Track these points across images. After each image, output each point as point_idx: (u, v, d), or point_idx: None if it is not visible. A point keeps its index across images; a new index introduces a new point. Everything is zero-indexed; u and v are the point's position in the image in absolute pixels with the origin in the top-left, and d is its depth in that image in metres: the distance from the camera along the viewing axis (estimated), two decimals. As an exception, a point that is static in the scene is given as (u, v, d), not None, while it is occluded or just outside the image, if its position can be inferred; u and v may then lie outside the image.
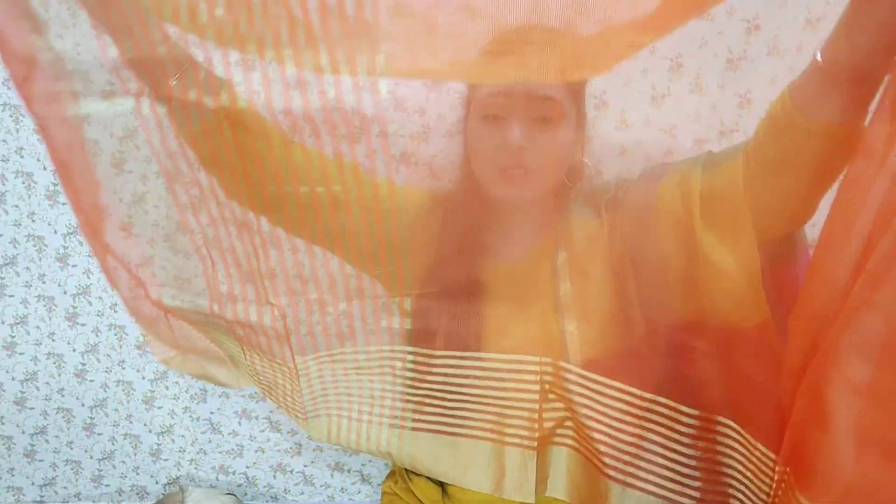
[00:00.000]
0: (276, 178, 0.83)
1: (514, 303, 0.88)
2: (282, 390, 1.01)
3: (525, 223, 0.90)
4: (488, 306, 0.88)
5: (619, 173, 0.90)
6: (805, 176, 0.73)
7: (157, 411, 1.27)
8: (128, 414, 1.27)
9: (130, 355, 1.24)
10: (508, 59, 0.71)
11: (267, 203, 0.86)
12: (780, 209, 0.76)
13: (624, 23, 0.71)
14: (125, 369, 1.24)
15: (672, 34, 1.10)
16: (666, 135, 1.15)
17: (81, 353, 1.23)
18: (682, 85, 1.13)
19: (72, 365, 1.23)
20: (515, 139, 0.80)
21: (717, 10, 1.11)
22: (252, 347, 0.97)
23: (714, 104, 1.14)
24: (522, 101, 0.81)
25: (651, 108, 1.11)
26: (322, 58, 0.72)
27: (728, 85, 1.14)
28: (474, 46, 0.71)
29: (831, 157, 0.70)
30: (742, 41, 1.12)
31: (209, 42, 0.77)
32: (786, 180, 0.74)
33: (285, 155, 0.82)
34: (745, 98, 1.14)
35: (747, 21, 1.10)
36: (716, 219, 0.77)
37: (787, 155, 0.72)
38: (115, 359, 1.23)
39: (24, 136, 1.11)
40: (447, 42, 0.72)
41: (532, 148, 0.82)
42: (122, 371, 1.24)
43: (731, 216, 0.76)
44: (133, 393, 1.25)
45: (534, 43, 0.68)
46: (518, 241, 0.91)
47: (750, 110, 1.15)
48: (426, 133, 1.15)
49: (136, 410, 1.27)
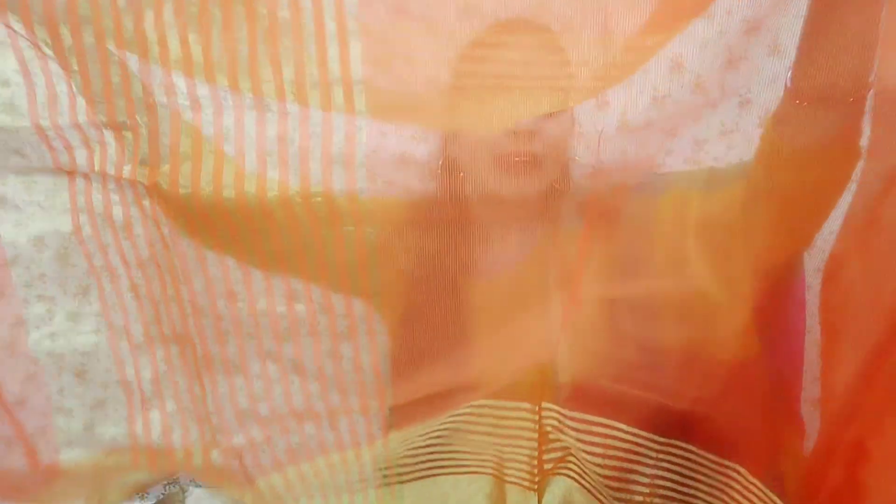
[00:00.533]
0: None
1: (506, 331, 0.83)
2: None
3: (513, 233, 0.86)
4: (478, 339, 0.82)
5: (619, 178, 0.87)
6: (801, 203, 0.72)
7: (156, 411, 1.26)
8: (127, 414, 1.26)
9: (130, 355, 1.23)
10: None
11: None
12: (779, 237, 0.75)
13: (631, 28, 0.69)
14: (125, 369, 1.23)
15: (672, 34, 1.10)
16: (666, 135, 1.14)
17: (81, 353, 1.22)
18: (682, 85, 1.12)
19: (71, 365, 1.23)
20: (526, 121, 0.76)
21: (717, 10, 1.11)
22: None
23: (714, 104, 1.14)
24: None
25: (652, 109, 1.11)
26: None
27: (728, 85, 1.14)
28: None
29: (826, 181, 0.69)
30: (742, 41, 1.12)
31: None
32: (783, 208, 0.73)
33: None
34: (745, 98, 1.14)
35: (747, 21, 1.10)
36: (711, 247, 0.75)
37: (782, 183, 0.71)
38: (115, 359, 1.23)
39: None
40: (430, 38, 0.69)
41: (540, 133, 0.77)
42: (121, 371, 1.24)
43: (727, 246, 0.75)
44: (133, 393, 1.25)
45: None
46: (505, 255, 0.86)
47: (750, 110, 1.15)
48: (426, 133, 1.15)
49: (135, 410, 1.26)
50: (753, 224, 0.73)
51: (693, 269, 0.75)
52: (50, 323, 0.87)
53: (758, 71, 1.14)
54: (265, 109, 0.71)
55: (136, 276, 0.80)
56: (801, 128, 0.67)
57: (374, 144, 0.77)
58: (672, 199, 0.78)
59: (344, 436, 0.85)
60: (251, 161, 0.73)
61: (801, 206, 0.72)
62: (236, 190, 0.75)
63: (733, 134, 1.18)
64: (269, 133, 0.73)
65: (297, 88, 0.70)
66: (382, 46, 0.71)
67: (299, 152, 0.73)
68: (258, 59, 0.67)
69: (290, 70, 0.70)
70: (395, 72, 0.73)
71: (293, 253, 0.79)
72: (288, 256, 0.80)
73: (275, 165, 0.74)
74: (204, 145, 0.73)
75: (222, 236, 0.78)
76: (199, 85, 0.70)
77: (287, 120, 0.73)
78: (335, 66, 0.70)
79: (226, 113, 0.72)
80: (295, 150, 0.73)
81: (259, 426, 0.85)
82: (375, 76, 0.71)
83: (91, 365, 0.89)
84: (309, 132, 0.72)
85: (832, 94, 0.65)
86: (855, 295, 0.67)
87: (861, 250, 0.67)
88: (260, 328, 0.81)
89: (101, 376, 0.87)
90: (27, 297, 0.83)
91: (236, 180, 0.75)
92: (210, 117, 0.73)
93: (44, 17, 0.66)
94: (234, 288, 0.79)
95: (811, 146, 0.67)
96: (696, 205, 0.76)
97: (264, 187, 0.75)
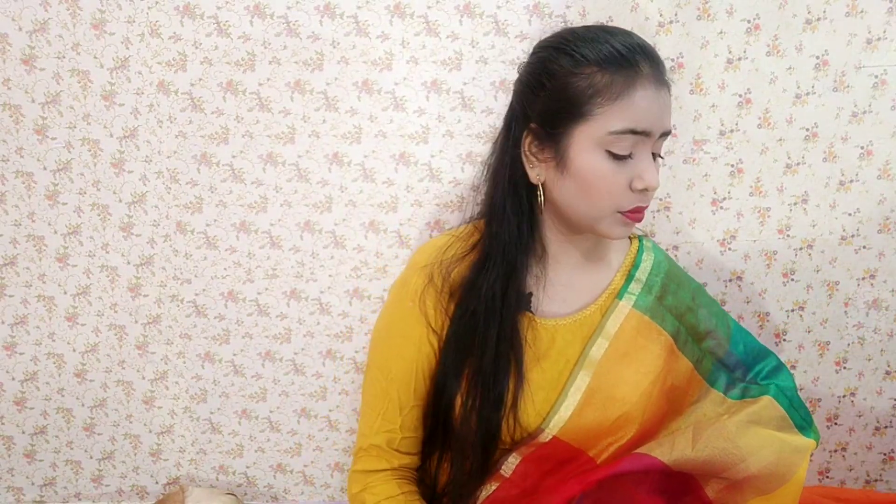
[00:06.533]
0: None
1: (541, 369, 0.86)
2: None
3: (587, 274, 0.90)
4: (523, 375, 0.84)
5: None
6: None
7: (156, 411, 1.27)
8: (128, 414, 1.27)
9: (130, 355, 1.23)
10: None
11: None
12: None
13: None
14: (125, 369, 1.24)
15: (672, 34, 1.11)
16: (666, 135, 1.15)
17: (81, 353, 1.23)
18: (683, 84, 1.13)
19: (72, 365, 1.23)
20: (656, 180, 0.78)
21: (717, 10, 1.11)
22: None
23: (714, 104, 1.15)
24: (656, 138, 0.78)
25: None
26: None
27: (728, 84, 1.14)
28: None
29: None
30: (742, 41, 1.12)
31: None
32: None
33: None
34: (745, 98, 1.15)
35: (747, 21, 1.11)
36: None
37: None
38: (115, 359, 1.23)
39: (24, 136, 1.11)
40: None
41: (655, 189, 0.79)
42: (121, 371, 1.24)
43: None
44: (133, 393, 1.25)
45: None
46: (573, 295, 0.89)
47: (750, 110, 1.15)
48: (426, 133, 1.15)
49: (135, 410, 1.27)
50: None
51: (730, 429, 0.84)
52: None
53: (758, 70, 1.14)
54: None
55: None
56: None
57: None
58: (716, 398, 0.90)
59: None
60: None
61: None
62: None
63: (733, 134, 1.19)
64: None
65: None
66: None
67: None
68: None
69: None
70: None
71: None
72: None
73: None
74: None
75: None
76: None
77: None
78: None
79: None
80: None
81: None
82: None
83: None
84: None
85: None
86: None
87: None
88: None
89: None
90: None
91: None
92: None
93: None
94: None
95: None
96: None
97: None
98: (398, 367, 0.86)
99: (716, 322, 0.92)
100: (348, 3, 1.06)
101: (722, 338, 0.91)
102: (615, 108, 0.75)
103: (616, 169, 0.76)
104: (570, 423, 0.82)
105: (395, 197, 1.14)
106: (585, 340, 0.85)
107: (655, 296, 0.88)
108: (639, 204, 0.78)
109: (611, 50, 0.76)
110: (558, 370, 0.84)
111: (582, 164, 0.77)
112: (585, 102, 0.75)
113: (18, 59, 1.05)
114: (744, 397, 0.87)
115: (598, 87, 0.75)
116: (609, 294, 0.88)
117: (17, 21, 1.04)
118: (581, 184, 0.78)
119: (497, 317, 0.81)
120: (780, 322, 1.21)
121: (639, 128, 0.75)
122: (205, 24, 1.05)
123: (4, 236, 1.14)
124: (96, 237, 1.14)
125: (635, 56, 0.75)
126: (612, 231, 0.80)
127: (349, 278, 1.17)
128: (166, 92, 1.08)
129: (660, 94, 0.76)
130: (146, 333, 1.20)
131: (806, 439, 0.84)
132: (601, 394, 0.82)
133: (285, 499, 1.30)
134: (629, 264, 0.91)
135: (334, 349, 1.21)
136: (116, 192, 1.12)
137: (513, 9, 1.06)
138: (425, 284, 0.85)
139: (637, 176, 0.77)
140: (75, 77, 1.06)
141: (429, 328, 0.85)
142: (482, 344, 0.81)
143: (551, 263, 0.86)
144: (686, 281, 0.94)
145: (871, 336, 1.22)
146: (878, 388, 1.24)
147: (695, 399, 0.87)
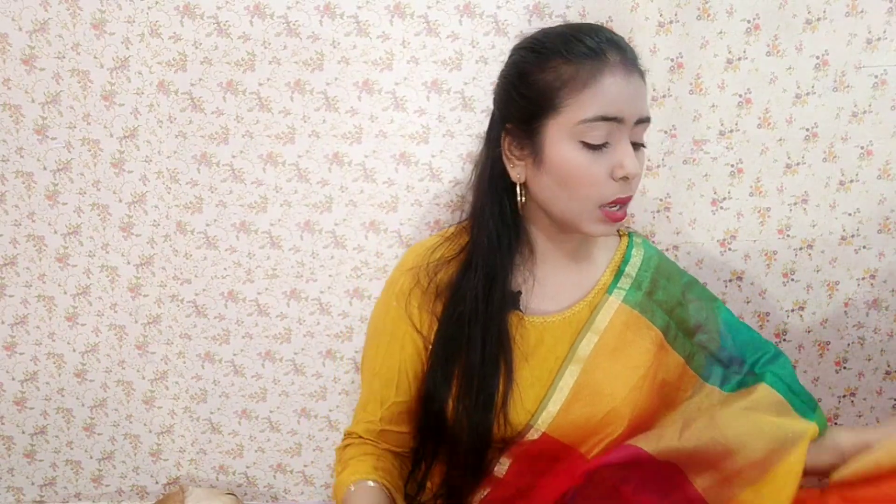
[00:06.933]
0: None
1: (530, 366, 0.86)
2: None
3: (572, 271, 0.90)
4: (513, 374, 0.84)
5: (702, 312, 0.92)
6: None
7: (156, 411, 1.26)
8: (128, 414, 1.27)
9: (130, 355, 1.23)
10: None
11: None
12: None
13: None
14: (125, 369, 1.24)
15: (672, 34, 1.10)
16: (666, 135, 1.15)
17: (81, 353, 1.23)
18: (683, 84, 1.13)
19: (72, 365, 1.23)
20: (636, 167, 0.77)
21: (717, 10, 1.11)
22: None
23: (714, 104, 1.15)
24: (632, 125, 0.77)
25: (653, 109, 1.12)
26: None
27: (728, 84, 1.14)
28: None
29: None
30: (742, 41, 1.12)
31: None
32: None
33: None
34: (745, 98, 1.15)
35: (747, 21, 1.11)
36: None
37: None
38: (115, 359, 1.23)
39: (24, 136, 1.11)
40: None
41: (637, 177, 0.79)
42: (121, 371, 1.24)
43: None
44: (133, 393, 1.25)
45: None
46: (561, 292, 0.89)
47: (750, 110, 1.15)
48: (426, 133, 1.15)
49: (135, 410, 1.27)
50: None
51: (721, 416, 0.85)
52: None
53: (758, 70, 1.14)
54: None
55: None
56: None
57: None
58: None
59: None
60: None
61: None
62: None
63: (733, 134, 1.19)
64: None
65: None
66: None
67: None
68: None
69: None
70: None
71: None
72: None
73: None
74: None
75: None
76: None
77: None
78: None
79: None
80: None
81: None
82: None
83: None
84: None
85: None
86: None
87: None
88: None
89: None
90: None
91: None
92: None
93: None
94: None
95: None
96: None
97: None
98: (382, 362, 0.87)
99: (706, 316, 0.91)
100: (348, 3, 1.06)
101: (713, 331, 0.91)
102: (583, 96, 0.75)
103: (593, 159, 0.76)
104: (558, 418, 0.82)
105: (395, 197, 1.14)
106: (574, 337, 0.85)
107: (645, 291, 0.88)
108: (620, 195, 0.78)
109: (576, 43, 0.76)
110: (548, 367, 0.84)
111: (557, 156, 0.77)
112: (555, 95, 0.76)
113: (18, 59, 1.05)
114: (739, 388, 0.87)
115: (565, 79, 0.75)
116: (598, 290, 0.88)
117: (17, 21, 1.04)
118: (558, 177, 0.78)
119: (483, 318, 0.82)
120: (780, 322, 1.21)
121: (609, 114, 0.75)
122: (205, 24, 1.05)
123: (4, 236, 1.14)
124: (96, 237, 1.14)
125: (601, 45, 0.76)
126: (593, 228, 0.80)
127: (349, 278, 1.17)
128: (166, 92, 1.08)
129: (630, 80, 0.76)
130: (146, 333, 1.20)
131: (806, 422, 0.82)
132: (589, 389, 0.82)
133: (285, 499, 1.30)
134: (619, 260, 0.91)
135: (334, 349, 1.21)
136: (116, 192, 1.13)
137: (513, 9, 1.07)
138: (412, 287, 0.85)
139: (617, 164, 0.76)
140: (75, 77, 1.07)
141: (413, 329, 0.85)
142: (469, 345, 0.82)
143: (539, 262, 0.87)
144: (677, 275, 0.94)
145: (871, 336, 1.22)
146: (878, 388, 1.24)
147: (689, 395, 0.87)
